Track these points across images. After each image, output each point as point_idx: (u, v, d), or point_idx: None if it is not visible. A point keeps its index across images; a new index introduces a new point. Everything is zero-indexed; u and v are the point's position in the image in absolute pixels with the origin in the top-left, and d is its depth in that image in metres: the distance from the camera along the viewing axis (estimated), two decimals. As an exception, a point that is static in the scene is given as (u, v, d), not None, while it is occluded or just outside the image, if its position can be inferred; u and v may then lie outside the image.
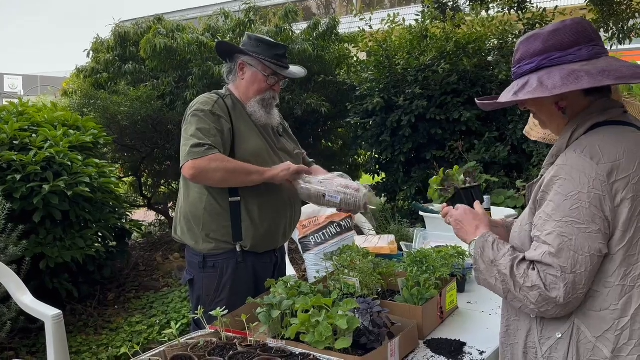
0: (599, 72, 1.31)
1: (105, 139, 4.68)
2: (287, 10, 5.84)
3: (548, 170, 1.43)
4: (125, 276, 5.24)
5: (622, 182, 1.29)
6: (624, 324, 1.30)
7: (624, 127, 1.39)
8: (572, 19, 1.43)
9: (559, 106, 1.45)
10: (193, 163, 2.14)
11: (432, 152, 5.60)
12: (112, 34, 6.15)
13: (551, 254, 1.31)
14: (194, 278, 2.38)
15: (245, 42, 2.42)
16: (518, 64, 1.46)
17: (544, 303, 1.32)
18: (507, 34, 5.91)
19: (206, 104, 2.27)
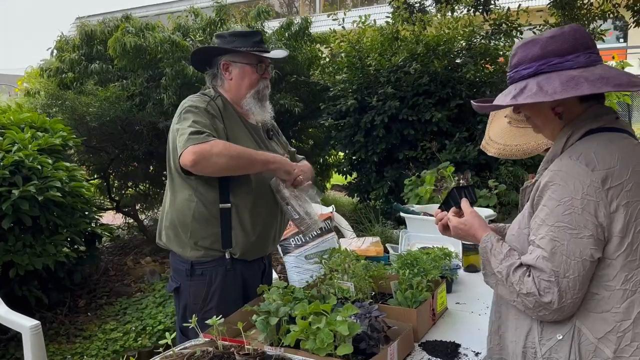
0: (597, 79, 1.34)
1: (75, 141, 4.54)
2: (260, 10, 5.80)
3: (543, 174, 1.46)
4: (95, 282, 5.10)
5: (617, 189, 1.32)
6: (627, 326, 1.34)
7: (617, 134, 1.42)
8: (570, 26, 1.45)
9: (555, 111, 1.47)
10: (194, 148, 2.01)
11: (404, 153, 5.67)
12: (77, 32, 5.96)
13: (544, 258, 1.34)
14: (180, 286, 2.29)
15: (219, 43, 2.33)
16: (515, 69, 1.47)
17: (541, 308, 1.36)
18: (475, 34, 6.03)
19: (200, 102, 2.19)
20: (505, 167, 5.34)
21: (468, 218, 1.68)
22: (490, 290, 1.58)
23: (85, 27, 5.96)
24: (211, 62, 2.33)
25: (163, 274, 5.28)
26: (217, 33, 2.40)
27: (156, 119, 5.47)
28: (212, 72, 2.34)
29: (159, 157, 6.13)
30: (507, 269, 1.43)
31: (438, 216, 1.80)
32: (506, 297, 1.48)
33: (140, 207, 6.93)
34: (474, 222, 1.67)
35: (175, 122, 2.20)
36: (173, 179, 2.26)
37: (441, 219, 1.77)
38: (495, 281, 1.49)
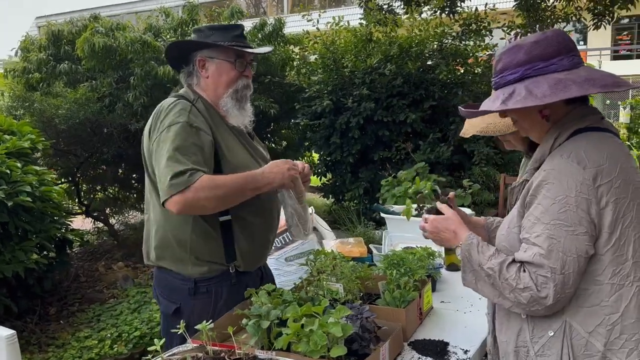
0: (584, 81, 1.37)
1: (44, 144, 4.41)
2: (233, 10, 5.75)
3: (535, 174, 1.48)
4: (66, 288, 4.96)
5: (606, 186, 1.36)
6: (615, 319, 1.37)
7: (603, 133, 1.46)
8: (552, 31, 1.49)
9: (542, 114, 1.50)
10: (178, 198, 1.83)
11: (379, 153, 5.71)
12: (44, 33, 5.79)
13: (541, 255, 1.37)
14: (180, 306, 2.07)
15: (196, 38, 2.12)
16: (501, 74, 1.49)
17: (535, 303, 1.38)
18: (446, 35, 6.12)
19: (180, 114, 1.95)
20: (479, 167, 5.44)
21: (448, 214, 1.70)
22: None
23: (51, 26, 5.80)
24: (187, 58, 2.13)
25: (136, 279, 5.18)
26: (195, 27, 2.20)
27: (126, 121, 5.36)
28: (187, 69, 2.14)
29: (128, 159, 6.01)
30: (499, 265, 1.44)
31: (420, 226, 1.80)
32: (488, 294, 1.50)
33: (110, 211, 6.79)
34: (454, 218, 1.68)
35: (153, 136, 1.97)
36: (158, 194, 2.00)
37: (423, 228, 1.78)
38: (476, 278, 1.51)
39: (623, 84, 1.40)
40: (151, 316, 4.10)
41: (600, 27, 7.67)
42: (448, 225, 1.68)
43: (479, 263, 1.49)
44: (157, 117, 2.01)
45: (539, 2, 7.74)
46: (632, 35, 23.53)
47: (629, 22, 22.51)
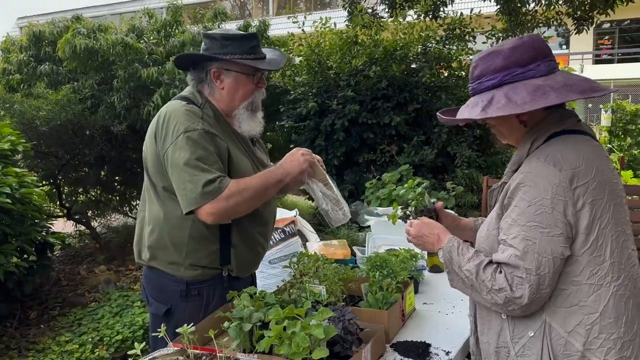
0: (562, 87, 1.39)
1: (24, 146, 4.34)
2: (217, 12, 5.73)
3: (512, 177, 1.50)
4: (47, 292, 4.89)
5: (582, 187, 1.38)
6: (594, 319, 1.40)
7: (579, 136, 1.49)
8: (529, 36, 1.51)
9: (520, 119, 1.53)
10: (211, 207, 1.84)
11: (364, 156, 5.73)
12: (24, 34, 5.72)
13: (517, 256, 1.39)
14: (171, 308, 2.06)
15: (208, 45, 2.03)
16: (478, 80, 1.51)
17: (510, 303, 1.41)
18: (430, 39, 6.16)
19: (194, 121, 1.91)
20: (461, 169, 5.48)
21: (433, 222, 1.77)
22: (456, 289, 1.62)
23: (33, 27, 5.73)
24: (197, 64, 2.07)
25: (118, 282, 5.12)
26: (206, 32, 2.08)
27: (109, 123, 5.31)
28: (198, 76, 2.07)
29: (111, 162, 5.95)
30: (476, 267, 1.47)
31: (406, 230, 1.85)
32: (470, 295, 1.53)
33: (92, 213, 6.71)
34: (437, 224, 1.75)
35: (167, 141, 1.92)
36: (159, 195, 2.02)
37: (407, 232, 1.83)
38: (460, 280, 1.53)
39: (599, 89, 1.42)
40: (133, 320, 4.06)
41: (581, 32, 7.80)
42: (432, 230, 1.72)
43: (458, 265, 1.53)
44: (166, 120, 1.96)
45: (520, 7, 7.86)
46: (613, 39, 23.92)
47: (610, 26, 22.89)
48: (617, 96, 11.40)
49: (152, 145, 2.00)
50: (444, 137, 5.66)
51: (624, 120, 9.47)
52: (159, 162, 1.98)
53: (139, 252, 2.15)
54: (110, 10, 23.51)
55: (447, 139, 5.72)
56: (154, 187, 2.06)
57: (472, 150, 5.62)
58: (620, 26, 23.31)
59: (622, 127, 9.49)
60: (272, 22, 10.01)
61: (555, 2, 7.67)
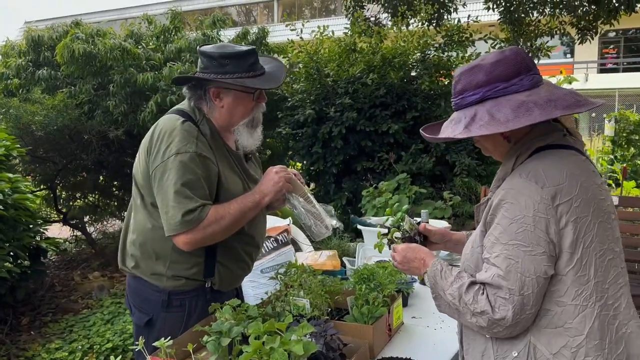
0: (546, 103, 1.34)
1: (19, 151, 4.33)
2: (215, 18, 5.71)
3: (495, 193, 1.46)
4: (40, 298, 4.86)
5: (566, 205, 1.33)
6: (580, 341, 1.34)
7: (565, 151, 1.44)
8: (510, 49, 1.45)
9: (504, 135, 1.47)
10: (187, 237, 1.86)
11: (362, 164, 5.68)
12: (24, 38, 5.72)
13: (500, 276, 1.34)
14: (152, 318, 2.03)
15: (206, 63, 1.98)
16: (460, 95, 1.46)
17: (495, 325, 1.36)
18: (429, 46, 6.13)
19: (188, 142, 1.88)
20: (460, 178, 5.43)
21: (416, 246, 1.72)
22: None
23: (32, 32, 5.73)
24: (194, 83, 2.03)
25: (112, 289, 5.09)
26: (203, 50, 2.02)
27: (106, 128, 5.29)
28: (196, 93, 2.02)
29: (109, 167, 5.94)
30: (458, 290, 1.42)
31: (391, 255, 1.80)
32: (458, 319, 1.49)
33: (90, 219, 6.69)
34: (422, 248, 1.70)
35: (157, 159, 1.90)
36: (146, 206, 2.00)
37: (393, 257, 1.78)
38: (447, 304, 1.48)
39: (585, 103, 1.37)
40: (124, 327, 4.02)
41: (585, 42, 7.76)
42: (417, 254, 1.67)
43: (442, 289, 1.48)
44: (160, 136, 1.93)
45: (523, 17, 7.83)
46: (618, 48, 23.86)
47: (615, 35, 22.84)
48: (621, 105, 11.31)
49: (145, 158, 1.98)
50: (442, 145, 5.62)
51: (627, 130, 9.41)
52: (148, 176, 1.96)
53: (123, 259, 2.13)
54: (115, 16, 23.64)
55: (445, 147, 5.68)
56: (141, 198, 2.03)
57: (472, 159, 5.57)
58: (626, 35, 23.26)
59: (626, 137, 9.42)
60: (277, 29, 10.04)
61: (559, 12, 7.65)
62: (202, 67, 2.00)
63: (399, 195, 4.51)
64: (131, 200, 2.13)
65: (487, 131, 1.36)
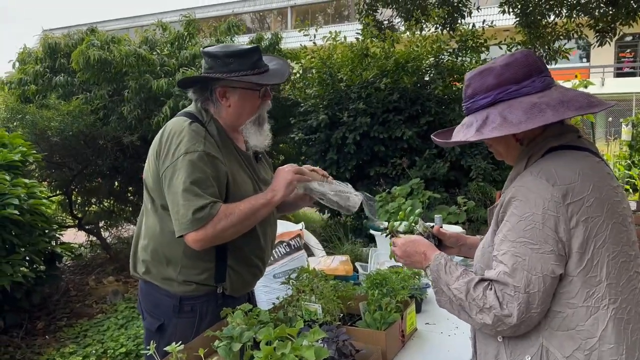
0: (558, 104, 1.32)
1: (35, 157, 4.38)
2: (230, 24, 5.75)
3: (506, 192, 1.44)
4: (55, 302, 4.90)
5: (577, 204, 1.30)
6: (592, 344, 1.31)
7: (579, 152, 1.42)
8: (521, 52, 1.44)
9: (516, 137, 1.46)
10: (198, 234, 1.83)
11: (375, 169, 5.66)
12: (40, 45, 5.80)
13: (506, 273, 1.32)
14: (164, 323, 2.02)
15: (210, 63, 1.99)
16: (471, 99, 1.45)
17: (500, 323, 1.33)
18: (442, 51, 6.10)
19: (196, 142, 1.88)
20: (476, 182, 5.38)
21: (416, 238, 1.69)
22: None
23: (48, 39, 5.81)
24: (201, 83, 2.04)
25: (126, 294, 5.11)
26: (207, 50, 2.03)
27: (121, 134, 5.34)
28: (203, 95, 2.03)
29: (124, 172, 5.98)
30: (466, 284, 1.40)
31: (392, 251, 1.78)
32: (459, 315, 1.45)
33: (105, 224, 6.74)
34: (422, 241, 1.67)
35: (167, 160, 1.90)
36: (157, 210, 1.99)
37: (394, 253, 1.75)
38: (448, 299, 1.46)
39: (597, 104, 1.35)
40: (138, 332, 4.03)
41: (604, 44, 7.64)
42: (417, 248, 1.64)
43: (446, 284, 1.45)
44: (169, 138, 1.94)
45: (540, 19, 7.75)
46: (635, 52, 23.55)
47: (632, 39, 22.56)
48: (638, 109, 11.14)
49: (154, 161, 1.99)
50: (457, 150, 5.58)
51: (645, 135, 9.23)
52: (158, 179, 1.96)
53: (134, 265, 2.13)
54: (129, 24, 23.93)
55: (460, 152, 5.63)
56: (152, 202, 2.04)
57: (488, 163, 5.52)
58: (643, 39, 22.95)
59: (644, 142, 9.25)
60: (290, 35, 10.07)
61: (576, 14, 7.55)
62: (207, 67, 2.02)
63: (412, 200, 4.47)
64: (142, 206, 2.13)
65: (500, 133, 1.34)
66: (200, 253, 1.97)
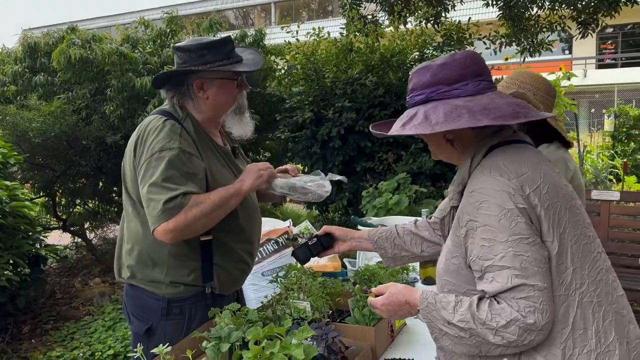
0: (479, 110, 1.32)
1: (16, 159, 4.30)
2: (212, 21, 5.69)
3: (463, 199, 1.41)
4: (40, 306, 4.83)
5: (535, 193, 1.30)
6: (567, 334, 1.28)
7: (518, 145, 1.43)
8: (463, 52, 1.44)
9: (446, 138, 1.46)
10: (168, 225, 1.79)
11: (362, 164, 5.65)
12: (20, 45, 5.70)
13: (517, 276, 1.25)
14: (152, 326, 2.00)
15: (183, 58, 1.97)
16: (410, 94, 1.47)
17: (526, 334, 1.25)
18: (427, 45, 6.10)
19: (172, 139, 1.86)
20: (461, 177, 5.39)
21: (391, 289, 1.54)
22: None
23: (28, 38, 5.71)
24: (176, 80, 2.00)
25: (113, 295, 5.06)
26: (178, 45, 2.02)
27: (104, 134, 5.27)
28: (179, 91, 2.00)
29: (108, 173, 5.91)
30: (469, 310, 1.29)
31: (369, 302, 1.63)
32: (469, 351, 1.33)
33: (90, 225, 6.66)
34: (397, 289, 1.52)
35: (142, 158, 1.88)
36: (138, 212, 1.97)
37: (373, 304, 1.60)
38: (456, 338, 1.33)
39: (523, 115, 1.32)
40: (125, 334, 3.99)
41: (586, 36, 7.70)
42: (398, 300, 1.50)
43: (446, 321, 1.33)
44: (144, 136, 1.91)
45: (523, 12, 7.79)
46: (616, 44, 23.82)
47: (613, 31, 22.81)
48: (620, 101, 11.27)
49: (131, 159, 1.96)
50: (443, 144, 5.59)
51: (627, 125, 9.36)
52: (136, 178, 1.93)
53: (119, 270, 2.10)
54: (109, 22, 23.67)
55: (446, 146, 5.64)
56: (132, 203, 2.01)
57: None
58: (624, 30, 23.23)
59: (626, 132, 9.38)
60: (274, 32, 10.01)
61: (559, 6, 7.59)
62: (180, 62, 2.00)
63: (399, 195, 4.47)
64: (123, 211, 2.10)
65: (416, 131, 1.36)
66: (186, 252, 1.96)
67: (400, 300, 1.49)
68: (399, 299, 1.50)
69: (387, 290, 1.54)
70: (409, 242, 1.91)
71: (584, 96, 17.13)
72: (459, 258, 1.39)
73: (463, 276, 1.40)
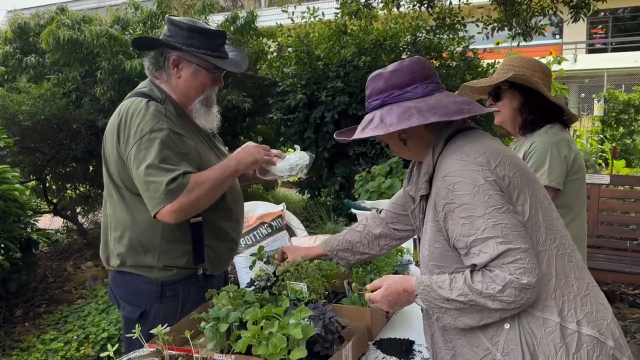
0: (428, 110, 1.44)
1: (6, 142, 4.26)
2: (205, 3, 5.63)
3: (434, 186, 1.50)
4: (33, 289, 4.83)
5: (500, 166, 1.42)
6: (554, 285, 1.39)
7: (473, 130, 1.55)
8: (410, 59, 1.55)
9: (400, 138, 1.58)
10: (173, 205, 1.78)
11: (354, 148, 5.66)
12: (9, 25, 5.61)
13: (501, 242, 1.33)
14: (145, 310, 2.00)
15: (173, 32, 1.96)
16: (368, 100, 1.58)
17: (522, 294, 1.32)
18: (420, 29, 6.09)
19: (159, 120, 1.84)
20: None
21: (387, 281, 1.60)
22: None
23: (17, 19, 5.61)
24: (157, 47, 2.00)
25: (106, 279, 5.06)
26: (173, 19, 2.01)
27: (94, 117, 5.21)
28: (155, 59, 2.00)
29: (98, 156, 5.81)
30: (464, 283, 1.37)
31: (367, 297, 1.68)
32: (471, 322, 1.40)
33: (81, 209, 6.62)
34: (392, 280, 1.59)
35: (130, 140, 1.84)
36: (124, 198, 1.95)
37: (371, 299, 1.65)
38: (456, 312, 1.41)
39: (467, 111, 1.45)
40: (119, 317, 3.98)
41: (578, 20, 7.69)
42: (396, 290, 1.56)
43: (445, 298, 1.40)
44: (127, 119, 1.87)
45: (515, -4, 7.77)
46: (606, 28, 23.87)
47: (603, 15, 22.83)
48: (610, 85, 11.34)
49: (114, 144, 1.92)
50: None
51: (616, 110, 9.43)
52: (122, 162, 1.91)
53: (107, 259, 2.08)
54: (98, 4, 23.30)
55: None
56: (117, 190, 1.98)
57: (464, 141, 5.55)
58: (614, 15, 23.26)
59: (615, 117, 9.45)
60: (263, 14, 9.92)
61: (551, -11, 7.57)
62: (168, 34, 1.99)
63: (391, 179, 4.49)
64: (104, 197, 2.07)
65: (373, 133, 1.49)
66: (177, 235, 1.96)
67: (399, 290, 1.57)
68: (397, 289, 1.57)
69: (383, 283, 1.62)
70: (366, 244, 2.00)
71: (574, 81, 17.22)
72: (441, 241, 1.49)
73: (449, 257, 1.49)
